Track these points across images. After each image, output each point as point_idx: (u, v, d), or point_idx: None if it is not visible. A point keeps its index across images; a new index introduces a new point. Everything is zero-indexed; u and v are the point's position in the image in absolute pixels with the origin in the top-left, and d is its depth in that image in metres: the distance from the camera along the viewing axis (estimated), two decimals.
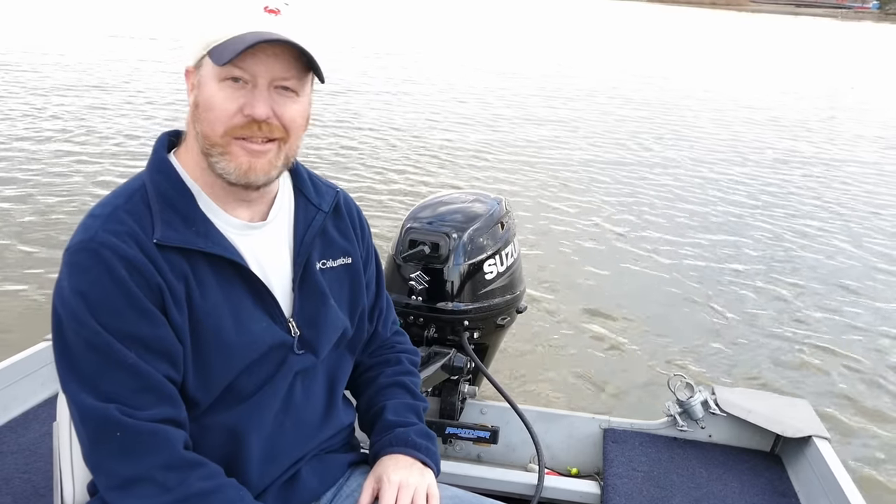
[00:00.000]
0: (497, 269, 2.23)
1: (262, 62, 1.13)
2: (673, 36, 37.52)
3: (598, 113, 12.84)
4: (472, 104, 12.82)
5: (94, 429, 1.09)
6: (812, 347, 4.76)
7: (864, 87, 20.44)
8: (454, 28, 31.27)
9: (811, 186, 8.94)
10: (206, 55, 1.16)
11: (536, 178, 8.25)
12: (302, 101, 1.20)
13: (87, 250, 1.11)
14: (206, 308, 1.17)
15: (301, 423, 1.31)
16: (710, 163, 9.67)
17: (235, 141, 1.16)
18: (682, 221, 7.12)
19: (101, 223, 1.13)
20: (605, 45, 27.56)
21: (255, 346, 1.21)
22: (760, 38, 42.65)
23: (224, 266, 1.19)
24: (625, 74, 18.35)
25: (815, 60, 28.68)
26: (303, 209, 1.33)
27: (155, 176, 1.20)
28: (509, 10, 51.23)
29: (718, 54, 27.86)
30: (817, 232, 7.17)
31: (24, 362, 2.20)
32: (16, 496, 1.86)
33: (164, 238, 1.14)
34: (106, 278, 1.10)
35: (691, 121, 12.73)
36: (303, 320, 1.28)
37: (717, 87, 17.77)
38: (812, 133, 12.56)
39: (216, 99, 1.14)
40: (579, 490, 2.16)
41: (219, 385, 1.19)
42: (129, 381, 1.10)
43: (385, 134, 9.92)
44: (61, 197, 6.24)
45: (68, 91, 10.74)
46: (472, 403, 2.40)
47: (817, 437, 2.17)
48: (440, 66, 17.89)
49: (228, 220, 1.22)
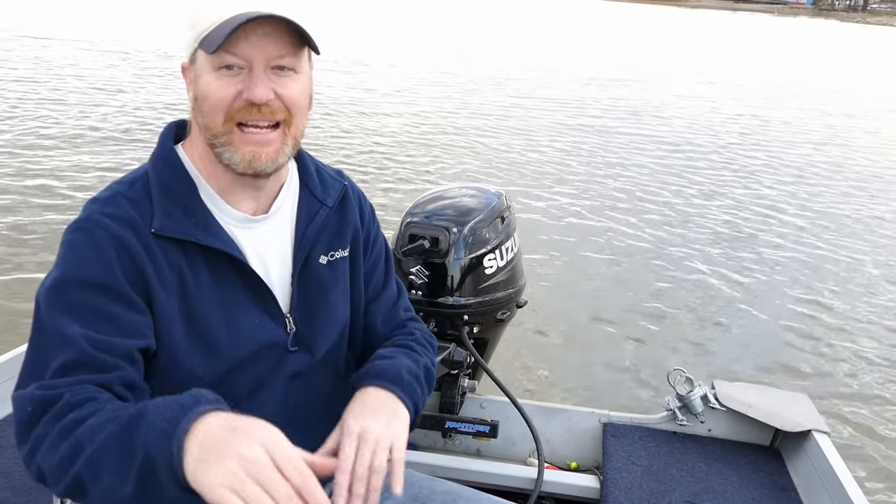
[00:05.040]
0: (497, 264, 2.23)
1: (254, 44, 1.10)
2: (620, 32, 37.21)
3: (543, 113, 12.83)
4: (474, 96, 12.80)
5: (17, 417, 1.04)
6: (811, 341, 4.76)
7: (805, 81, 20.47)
8: (450, 23, 31.18)
9: (814, 185, 8.94)
10: (197, 47, 1.14)
11: (539, 172, 8.25)
12: (302, 79, 1.17)
13: (81, 230, 1.11)
14: (198, 299, 1.15)
15: (300, 423, 1.26)
16: (709, 162, 9.66)
17: (238, 129, 1.13)
18: (681, 217, 7.12)
19: (100, 206, 1.13)
20: (537, 41, 26.74)
21: (245, 344, 1.18)
22: (701, 32, 42.92)
23: (221, 260, 1.17)
24: (563, 74, 17.95)
25: (758, 54, 28.68)
26: (306, 203, 1.29)
27: (158, 165, 1.19)
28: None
29: (663, 50, 27.67)
30: (809, 227, 7.17)
31: (23, 356, 2.19)
32: (15, 490, 1.86)
33: (161, 228, 1.13)
34: (92, 254, 1.09)
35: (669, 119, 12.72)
36: (300, 316, 1.26)
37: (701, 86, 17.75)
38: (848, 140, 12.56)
39: (212, 88, 1.12)
40: (579, 484, 2.16)
41: (210, 371, 1.16)
42: (64, 353, 1.04)
43: (385, 128, 9.91)
44: (63, 194, 6.24)
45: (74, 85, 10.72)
46: (471, 398, 2.40)
47: (817, 431, 2.17)
48: (440, 57, 17.85)
49: (230, 213, 1.20)
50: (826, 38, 47.28)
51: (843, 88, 18.81)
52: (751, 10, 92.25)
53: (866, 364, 4.53)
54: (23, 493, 1.85)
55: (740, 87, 17.33)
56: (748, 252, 6.29)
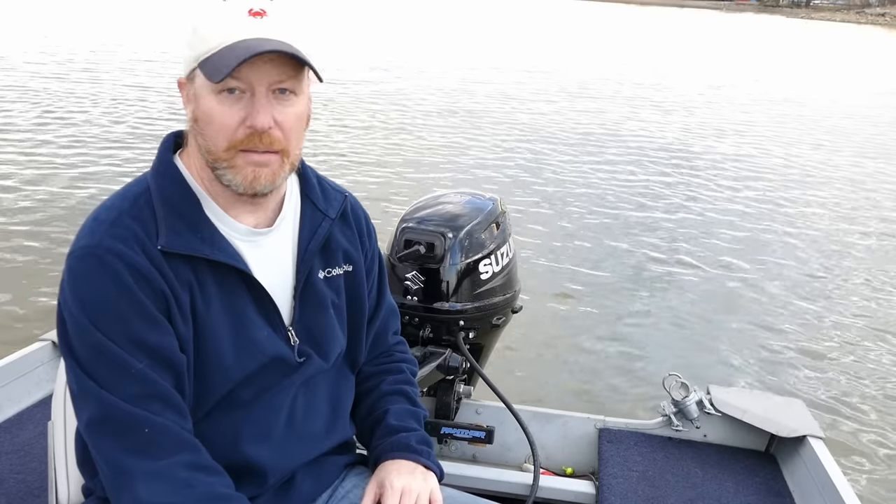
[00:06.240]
0: (492, 269, 2.23)
1: (257, 70, 1.10)
2: (568, 30, 37.12)
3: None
4: (466, 102, 12.82)
5: (115, 428, 1.07)
6: (807, 347, 4.77)
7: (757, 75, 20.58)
8: (441, 29, 31.22)
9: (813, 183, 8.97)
10: (196, 68, 1.13)
11: (533, 177, 8.25)
12: (301, 101, 1.18)
13: (92, 256, 1.09)
14: (208, 317, 1.16)
15: (302, 436, 1.29)
16: (705, 161, 9.69)
17: (240, 153, 1.14)
18: (678, 222, 7.14)
19: (107, 228, 1.11)
20: (493, 41, 26.18)
21: (255, 357, 1.19)
22: (649, 29, 43.04)
23: (228, 273, 1.18)
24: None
25: (705, 51, 28.85)
26: (309, 215, 1.30)
27: (160, 180, 1.18)
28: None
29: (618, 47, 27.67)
30: (803, 230, 7.20)
31: (19, 362, 2.19)
32: (10, 497, 1.85)
33: (168, 244, 1.12)
34: (111, 286, 1.08)
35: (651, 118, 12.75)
36: (302, 329, 1.26)
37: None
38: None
39: (215, 113, 1.12)
40: (574, 490, 2.16)
41: (217, 394, 1.17)
42: (137, 388, 1.08)
43: (379, 132, 9.91)
44: (57, 195, 6.23)
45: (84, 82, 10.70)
46: (467, 403, 2.40)
47: (812, 436, 2.18)
48: (431, 64, 17.88)
49: (234, 226, 1.20)
50: (776, 33, 48.23)
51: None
52: (697, 6, 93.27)
53: (861, 370, 4.53)
54: (17, 500, 1.84)
55: (721, 86, 17.41)
56: (744, 257, 6.29)
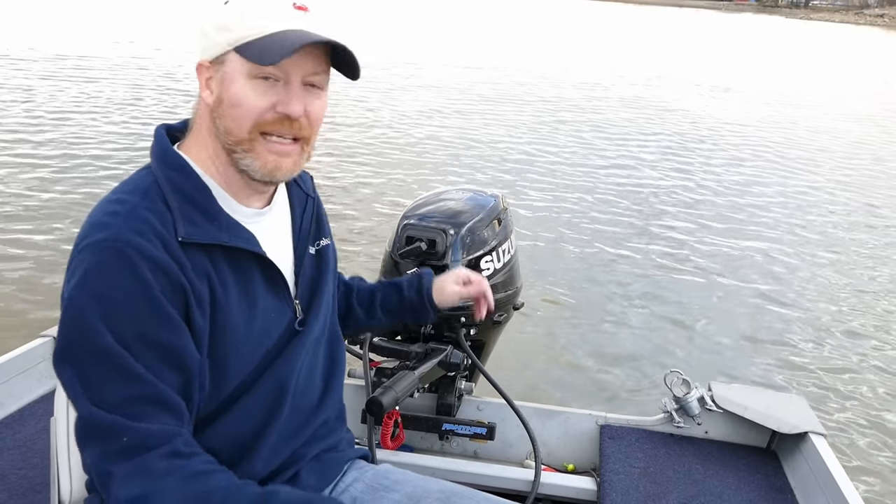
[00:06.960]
0: (494, 266, 2.23)
1: (296, 60, 1.13)
2: (568, 29, 37.13)
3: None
4: (467, 100, 12.81)
5: (98, 435, 1.04)
6: (808, 344, 4.77)
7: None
8: (442, 27, 31.20)
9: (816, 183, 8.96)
10: (230, 51, 1.14)
11: (535, 174, 8.25)
12: (325, 97, 1.22)
13: (111, 249, 1.06)
14: (228, 306, 1.16)
15: (300, 407, 1.32)
16: (704, 160, 9.68)
17: (262, 138, 1.16)
18: (678, 218, 7.13)
19: (124, 221, 1.08)
20: (493, 40, 26.45)
21: (269, 335, 1.24)
22: (648, 29, 43.10)
23: (242, 257, 1.20)
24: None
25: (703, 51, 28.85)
26: (296, 195, 1.38)
27: (168, 172, 1.17)
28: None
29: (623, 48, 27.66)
30: (803, 229, 7.19)
31: (21, 358, 2.19)
32: (12, 492, 1.85)
33: (188, 235, 1.12)
34: (129, 280, 1.05)
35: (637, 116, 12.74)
36: (304, 302, 1.32)
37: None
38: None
39: (246, 97, 1.13)
40: (576, 486, 2.16)
41: (235, 379, 1.19)
42: (131, 391, 1.05)
43: (381, 129, 9.91)
44: (55, 194, 6.23)
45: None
46: (468, 400, 2.40)
47: (813, 432, 2.17)
48: (434, 62, 17.87)
49: (242, 211, 1.23)
50: (775, 34, 48.55)
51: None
52: (696, 6, 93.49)
53: (863, 366, 4.54)
54: (19, 496, 1.85)
55: (731, 86, 17.40)
56: (746, 256, 6.29)
